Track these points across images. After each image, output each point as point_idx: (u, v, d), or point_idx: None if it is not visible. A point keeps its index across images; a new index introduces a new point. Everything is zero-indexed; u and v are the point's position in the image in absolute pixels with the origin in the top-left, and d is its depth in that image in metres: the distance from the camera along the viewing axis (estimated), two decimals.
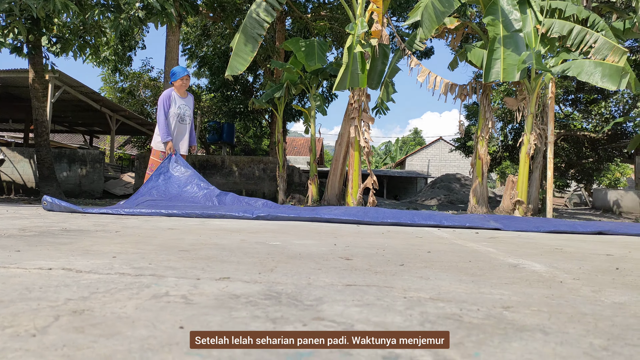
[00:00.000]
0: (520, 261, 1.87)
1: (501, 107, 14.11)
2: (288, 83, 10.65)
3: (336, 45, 16.66)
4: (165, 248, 1.81)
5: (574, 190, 24.47)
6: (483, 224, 3.97)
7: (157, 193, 4.93)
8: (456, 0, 7.19)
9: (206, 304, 0.93)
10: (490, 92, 8.92)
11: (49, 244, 1.78)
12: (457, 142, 19.11)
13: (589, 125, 15.94)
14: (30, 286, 1.02)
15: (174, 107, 5.35)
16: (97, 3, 6.96)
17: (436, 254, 1.98)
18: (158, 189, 4.98)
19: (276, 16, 8.15)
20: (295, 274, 1.34)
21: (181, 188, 5.03)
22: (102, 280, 1.12)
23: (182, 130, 5.43)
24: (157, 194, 4.92)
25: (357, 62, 7.60)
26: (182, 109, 5.39)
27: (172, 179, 5.10)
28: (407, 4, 14.64)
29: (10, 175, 10.73)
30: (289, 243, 2.18)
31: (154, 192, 4.93)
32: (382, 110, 9.52)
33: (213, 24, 15.99)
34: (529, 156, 8.09)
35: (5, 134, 21.29)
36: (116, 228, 2.60)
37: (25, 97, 12.48)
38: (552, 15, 8.03)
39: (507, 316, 0.94)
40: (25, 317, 0.78)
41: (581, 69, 7.20)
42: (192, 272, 1.29)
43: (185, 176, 5.14)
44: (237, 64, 7.42)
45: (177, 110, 5.35)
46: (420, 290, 1.18)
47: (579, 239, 3.25)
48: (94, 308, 0.85)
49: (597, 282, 1.43)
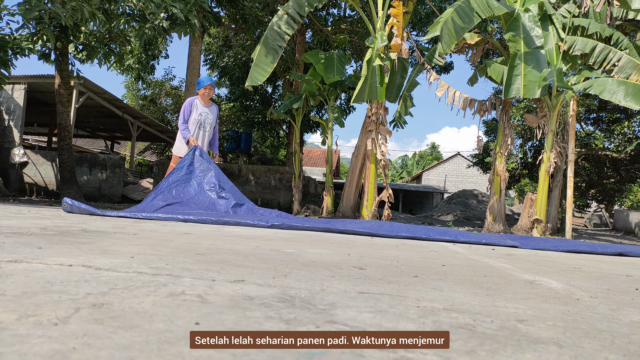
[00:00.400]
0: (536, 278, 1.84)
1: (521, 123, 13.98)
2: (307, 94, 10.74)
3: (355, 58, 16.78)
4: (181, 251, 1.84)
5: (594, 210, 23.97)
6: (500, 241, 3.93)
7: (176, 192, 4.96)
8: (477, 16, 7.20)
9: (221, 304, 0.94)
10: (510, 109, 8.85)
11: (69, 243, 1.82)
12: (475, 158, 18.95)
13: (611, 145, 15.66)
14: (51, 280, 1.05)
15: (195, 114, 5.50)
16: (123, 12, 7.16)
17: (451, 268, 1.96)
18: (177, 187, 5.00)
19: (297, 29, 8.26)
20: (309, 280, 1.35)
21: (200, 190, 5.06)
22: (120, 277, 1.15)
23: (200, 137, 5.55)
24: (175, 193, 4.95)
25: (376, 75, 7.64)
26: (203, 116, 5.53)
27: (194, 174, 5.14)
28: (427, 18, 14.71)
29: (32, 177, 10.99)
30: (302, 251, 2.19)
31: (172, 191, 4.96)
32: (399, 123, 9.52)
33: (235, 35, 16.26)
34: (549, 174, 7.98)
35: (30, 137, 21.86)
36: (134, 231, 2.64)
37: (50, 102, 12.82)
38: (575, 32, 7.98)
39: (522, 329, 0.93)
40: (48, 307, 0.80)
41: (604, 87, 7.11)
42: (208, 274, 1.31)
43: (207, 176, 5.16)
44: (257, 75, 7.52)
45: (198, 117, 5.50)
46: (434, 300, 1.17)
47: (598, 259, 3.19)
48: (112, 302, 0.87)
49: (615, 300, 1.41)
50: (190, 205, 4.88)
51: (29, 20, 6.63)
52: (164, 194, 4.93)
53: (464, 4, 7.24)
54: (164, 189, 4.98)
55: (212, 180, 5.17)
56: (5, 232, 2.04)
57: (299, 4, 7.57)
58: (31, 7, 6.10)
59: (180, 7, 6.62)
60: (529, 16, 7.89)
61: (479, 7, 7.27)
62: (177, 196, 4.96)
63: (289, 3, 7.68)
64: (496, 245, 3.83)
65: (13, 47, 6.92)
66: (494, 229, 8.24)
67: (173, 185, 5.03)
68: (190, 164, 5.19)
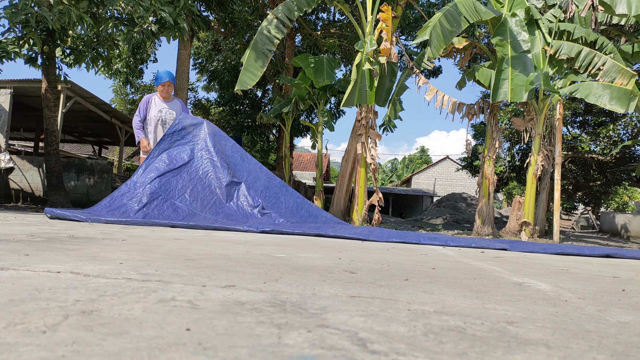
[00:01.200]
0: (525, 280, 1.86)
1: (508, 127, 14.13)
2: (296, 98, 10.75)
3: (345, 62, 16.84)
4: (171, 257, 1.82)
5: (581, 213, 24.27)
6: (489, 244, 3.96)
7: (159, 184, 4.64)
8: (464, 21, 7.27)
9: (212, 309, 0.94)
10: (497, 112, 8.94)
11: (57, 250, 1.80)
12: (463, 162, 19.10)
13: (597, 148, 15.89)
14: (39, 287, 1.04)
15: (154, 111, 5.26)
16: (111, 16, 7.11)
17: (441, 271, 1.97)
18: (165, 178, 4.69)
19: (286, 33, 8.27)
20: (299, 284, 1.35)
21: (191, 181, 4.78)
22: (109, 284, 1.14)
23: (161, 134, 5.27)
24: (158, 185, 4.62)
25: (365, 79, 7.68)
26: (164, 112, 5.28)
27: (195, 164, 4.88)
28: (416, 23, 14.82)
29: (19, 183, 10.84)
30: (293, 256, 2.19)
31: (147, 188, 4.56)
32: (389, 127, 9.56)
33: (224, 39, 16.24)
34: (536, 177, 8.07)
35: (16, 142, 21.56)
36: (123, 237, 2.62)
37: (36, 106, 12.67)
38: (561, 37, 8.09)
39: (511, 330, 0.94)
40: (36, 315, 0.79)
41: (589, 91, 7.22)
42: (198, 280, 1.30)
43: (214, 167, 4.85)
44: (247, 79, 7.51)
45: (158, 114, 5.26)
46: (425, 303, 1.18)
47: (586, 261, 3.22)
48: (102, 309, 0.87)
49: (602, 301, 1.43)
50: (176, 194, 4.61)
51: (15, 24, 6.55)
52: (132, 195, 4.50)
53: (452, 8, 7.31)
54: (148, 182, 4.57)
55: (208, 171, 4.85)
56: None
57: (288, 8, 7.58)
58: (17, 10, 6.04)
59: (169, 11, 6.60)
60: (515, 21, 7.99)
61: (467, 11, 7.34)
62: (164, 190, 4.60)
63: (278, 7, 7.70)
64: (486, 248, 3.86)
65: None
66: (483, 232, 8.30)
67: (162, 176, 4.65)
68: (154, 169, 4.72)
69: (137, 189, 4.54)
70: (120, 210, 4.27)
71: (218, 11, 11.69)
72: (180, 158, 4.93)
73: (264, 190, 5.06)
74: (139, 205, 4.34)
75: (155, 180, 4.62)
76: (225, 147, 5.26)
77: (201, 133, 5.19)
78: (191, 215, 4.45)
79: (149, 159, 4.84)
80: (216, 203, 4.75)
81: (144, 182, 4.60)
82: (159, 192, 4.54)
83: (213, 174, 4.94)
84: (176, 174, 4.80)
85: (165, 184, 4.64)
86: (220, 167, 4.98)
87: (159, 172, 4.70)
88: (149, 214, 4.32)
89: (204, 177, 4.91)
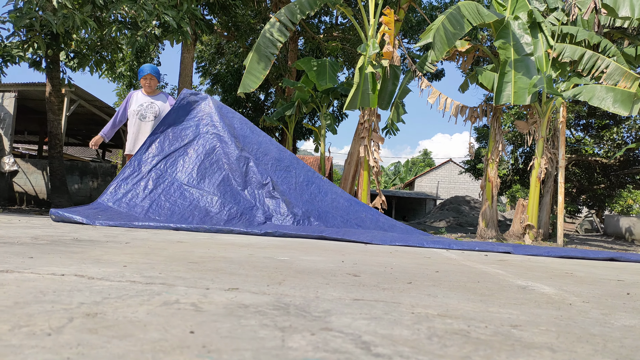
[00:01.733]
0: (529, 283, 1.85)
1: (512, 130, 14.11)
2: (299, 102, 10.77)
3: (347, 65, 16.87)
4: (174, 259, 1.83)
5: (585, 216, 24.17)
6: (492, 247, 3.95)
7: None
8: (467, 24, 7.28)
9: (216, 312, 0.94)
10: (500, 115, 8.94)
11: (61, 252, 1.81)
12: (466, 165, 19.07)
13: (600, 151, 15.85)
14: (44, 290, 1.04)
15: (134, 105, 5.01)
16: (114, 20, 7.15)
17: (444, 274, 1.97)
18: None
19: (289, 36, 8.29)
20: (303, 287, 1.35)
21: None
22: (113, 286, 1.14)
23: (144, 129, 4.98)
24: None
25: (368, 82, 7.68)
26: (144, 106, 4.99)
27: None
28: (419, 26, 14.84)
29: (23, 186, 10.88)
30: (296, 258, 2.19)
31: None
32: (392, 130, 9.56)
33: (227, 42, 16.30)
34: (540, 180, 8.05)
35: (20, 145, 21.66)
36: (126, 239, 2.63)
37: (40, 110, 12.73)
38: (564, 40, 8.09)
39: (515, 334, 0.94)
40: (40, 318, 0.80)
41: (593, 94, 7.20)
42: (202, 283, 1.30)
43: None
44: (250, 82, 7.53)
45: (138, 108, 4.98)
46: (428, 307, 1.18)
47: (590, 264, 3.21)
48: (106, 312, 0.87)
49: (607, 305, 1.42)
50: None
51: (19, 28, 6.59)
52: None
53: (455, 11, 7.32)
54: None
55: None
56: None
57: (291, 12, 7.61)
58: (22, 14, 6.08)
59: (173, 15, 6.63)
60: (518, 24, 7.99)
61: (470, 14, 7.35)
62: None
63: (281, 10, 7.72)
64: (489, 251, 3.85)
65: (3, 54, 6.88)
66: (487, 235, 8.28)
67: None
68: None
69: (141, 169, 4.48)
70: (127, 199, 4.26)
71: (221, 15, 11.74)
72: (185, 135, 4.86)
73: (275, 163, 4.94)
74: (145, 192, 4.34)
75: (161, 162, 4.57)
76: (233, 121, 5.14)
77: (206, 108, 5.08)
78: (196, 203, 4.41)
79: (153, 135, 4.79)
80: (225, 181, 4.64)
81: (148, 162, 4.54)
82: (164, 176, 4.50)
83: (221, 150, 4.84)
84: (182, 152, 4.73)
85: (171, 165, 4.59)
86: (228, 141, 4.88)
87: (163, 153, 4.64)
88: (155, 199, 4.30)
89: (211, 152, 4.82)
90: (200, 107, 5.07)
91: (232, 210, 4.45)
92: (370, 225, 4.72)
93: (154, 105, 5.02)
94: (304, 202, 4.74)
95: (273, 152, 5.06)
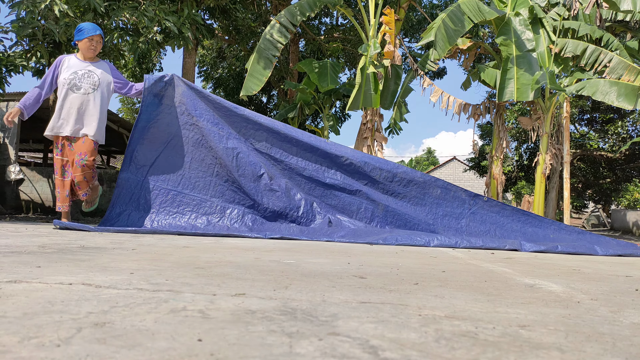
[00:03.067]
0: (536, 281, 1.85)
1: (515, 126, 14.06)
2: (301, 103, 10.78)
3: (349, 66, 16.87)
4: (181, 265, 1.83)
5: (591, 211, 24.04)
6: (499, 245, 3.90)
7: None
8: (468, 21, 7.26)
9: (223, 319, 0.94)
10: (504, 112, 8.91)
11: (68, 261, 1.82)
12: (471, 162, 19.01)
13: (605, 145, 15.76)
14: (52, 300, 1.05)
15: (66, 73, 3.92)
16: (116, 27, 7.18)
17: (451, 274, 1.96)
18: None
19: (290, 38, 8.30)
20: (309, 291, 1.35)
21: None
22: (121, 295, 1.15)
23: (75, 104, 3.89)
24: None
25: (369, 82, 7.68)
26: (79, 74, 3.93)
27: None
28: (419, 25, 14.83)
29: (29, 194, 10.95)
30: (302, 261, 2.19)
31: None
32: (395, 130, 9.55)
33: (228, 46, 16.34)
34: (545, 176, 8.01)
35: (25, 154, 21.79)
36: (132, 246, 2.64)
37: (45, 118, 12.78)
38: (566, 35, 8.06)
39: (523, 334, 0.93)
40: (49, 328, 0.80)
41: (596, 88, 7.17)
42: (208, 289, 1.30)
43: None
44: (252, 85, 7.55)
45: (70, 77, 3.90)
46: (435, 308, 1.17)
47: (597, 260, 3.19)
48: (114, 321, 0.87)
49: (615, 302, 1.41)
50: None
51: (22, 37, 6.64)
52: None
53: (456, 9, 7.31)
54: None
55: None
56: (4, 252, 2.03)
57: (291, 13, 7.62)
58: (24, 24, 6.12)
59: (174, 21, 6.66)
60: (519, 20, 7.96)
61: (471, 12, 7.34)
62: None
63: (281, 13, 7.74)
64: (495, 249, 3.83)
65: (7, 64, 6.93)
66: None
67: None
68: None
69: (133, 192, 4.18)
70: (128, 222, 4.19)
71: (222, 19, 11.76)
72: (166, 133, 4.23)
73: (269, 137, 4.33)
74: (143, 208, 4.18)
75: (149, 179, 4.21)
76: (209, 103, 4.33)
77: (174, 94, 4.25)
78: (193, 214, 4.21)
79: (132, 145, 4.19)
80: (220, 175, 4.29)
81: (138, 182, 4.18)
82: (157, 193, 4.21)
83: (205, 142, 4.26)
84: (165, 158, 4.22)
85: (156, 180, 4.21)
86: (208, 131, 4.24)
87: (148, 163, 4.19)
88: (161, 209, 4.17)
89: (197, 147, 4.26)
90: (168, 94, 4.25)
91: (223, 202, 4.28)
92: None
93: (93, 75, 3.97)
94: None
95: (264, 125, 4.38)
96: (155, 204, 4.19)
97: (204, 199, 4.29)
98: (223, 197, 4.37)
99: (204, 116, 4.24)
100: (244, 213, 4.31)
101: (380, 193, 4.37)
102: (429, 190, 4.38)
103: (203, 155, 4.28)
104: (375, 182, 4.37)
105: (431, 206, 4.36)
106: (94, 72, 3.98)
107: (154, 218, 4.17)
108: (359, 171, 4.36)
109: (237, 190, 4.38)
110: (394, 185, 4.36)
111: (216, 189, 4.34)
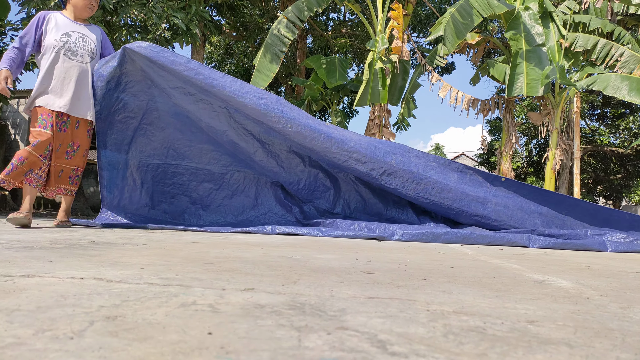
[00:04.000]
0: (545, 277, 1.84)
1: (525, 122, 13.94)
2: (309, 99, 10.77)
3: (357, 61, 16.82)
4: (190, 260, 1.85)
5: None
6: (508, 241, 3.89)
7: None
8: (478, 15, 7.20)
9: (232, 313, 0.95)
10: (513, 107, 8.85)
11: (79, 256, 1.84)
12: (480, 158, 18.90)
13: (616, 141, 15.59)
14: (64, 294, 1.06)
15: (56, 34, 3.27)
16: (125, 24, 7.22)
17: (459, 270, 1.96)
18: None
19: (297, 34, 8.30)
20: (318, 286, 1.36)
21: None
22: (132, 289, 1.16)
23: (72, 74, 3.31)
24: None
25: (377, 78, 7.66)
26: (73, 37, 3.32)
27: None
28: (428, 20, 14.74)
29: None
30: (310, 257, 2.20)
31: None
32: (403, 126, 9.52)
33: (236, 42, 16.36)
34: (555, 172, 7.95)
35: None
36: (142, 241, 2.66)
37: None
38: (576, 29, 7.97)
39: (532, 330, 0.93)
40: (62, 321, 0.82)
41: (607, 83, 7.09)
42: (218, 283, 1.32)
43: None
44: (260, 80, 7.56)
45: (62, 39, 3.27)
46: (444, 304, 1.18)
47: (607, 256, 3.17)
48: (126, 315, 0.89)
49: (625, 298, 1.40)
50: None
51: None
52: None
53: (465, 3, 7.26)
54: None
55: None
56: (16, 247, 2.06)
57: (298, 9, 7.61)
58: None
59: (182, 17, 6.68)
60: (529, 14, 7.89)
61: (480, 6, 7.28)
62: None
63: (288, 8, 7.73)
64: (504, 245, 3.82)
65: None
66: None
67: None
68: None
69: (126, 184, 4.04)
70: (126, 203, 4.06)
71: (229, 15, 11.78)
72: (136, 111, 3.86)
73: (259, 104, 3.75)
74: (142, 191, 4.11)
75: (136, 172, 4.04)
76: (172, 69, 3.58)
77: (134, 69, 3.68)
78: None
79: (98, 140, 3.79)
80: (210, 142, 4.17)
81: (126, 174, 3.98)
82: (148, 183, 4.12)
83: (183, 111, 3.94)
84: (143, 134, 3.95)
85: (141, 156, 4.01)
86: (181, 100, 3.84)
87: (126, 142, 3.94)
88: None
89: (176, 118, 3.96)
90: (125, 71, 3.66)
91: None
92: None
93: (89, 41, 3.41)
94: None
95: (251, 94, 3.81)
96: (147, 179, 4.10)
97: (198, 168, 4.25)
98: (219, 163, 4.34)
99: (174, 85, 3.75)
100: (244, 176, 4.37)
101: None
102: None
103: (186, 124, 4.03)
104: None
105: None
106: (89, 37, 3.41)
107: (152, 192, 4.15)
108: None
109: (234, 155, 4.29)
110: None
111: (210, 156, 4.25)
